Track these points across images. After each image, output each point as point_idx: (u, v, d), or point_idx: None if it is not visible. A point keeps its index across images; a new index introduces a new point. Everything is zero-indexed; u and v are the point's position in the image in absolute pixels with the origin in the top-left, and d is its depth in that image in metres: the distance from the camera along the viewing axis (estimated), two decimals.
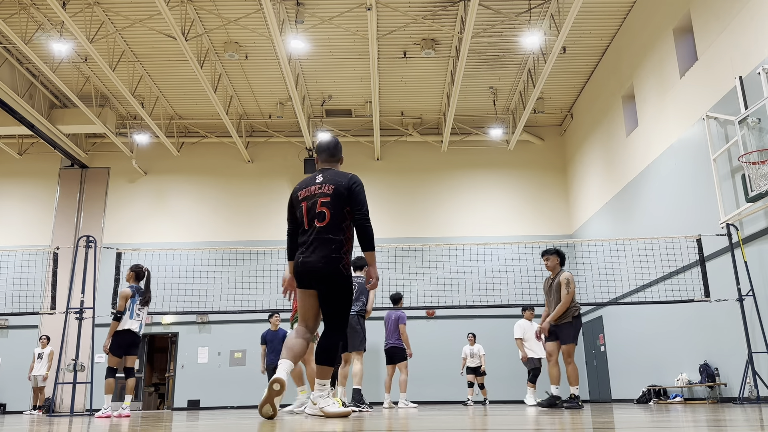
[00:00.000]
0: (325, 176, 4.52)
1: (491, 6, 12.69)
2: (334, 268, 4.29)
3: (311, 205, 4.42)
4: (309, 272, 4.31)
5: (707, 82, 10.41)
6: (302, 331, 4.40)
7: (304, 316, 4.45)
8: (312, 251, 4.32)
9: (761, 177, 8.45)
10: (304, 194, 4.50)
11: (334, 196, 4.39)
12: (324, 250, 4.30)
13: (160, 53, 14.60)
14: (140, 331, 8.05)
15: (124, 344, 7.90)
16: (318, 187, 4.47)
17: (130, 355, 8.02)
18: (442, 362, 16.44)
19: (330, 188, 4.43)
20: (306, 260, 4.32)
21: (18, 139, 18.09)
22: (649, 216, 12.71)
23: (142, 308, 8.09)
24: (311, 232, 4.37)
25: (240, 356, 16.71)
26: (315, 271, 4.28)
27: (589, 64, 15.43)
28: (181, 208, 17.95)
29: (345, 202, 4.40)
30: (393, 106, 17.31)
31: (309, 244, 4.35)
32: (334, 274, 4.29)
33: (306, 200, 4.47)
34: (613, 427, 3.05)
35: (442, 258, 17.22)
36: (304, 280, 4.37)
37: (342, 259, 4.34)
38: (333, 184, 4.44)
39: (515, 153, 18.24)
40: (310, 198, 4.45)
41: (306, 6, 12.76)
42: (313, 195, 4.45)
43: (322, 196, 4.41)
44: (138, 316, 8.02)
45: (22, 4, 12.60)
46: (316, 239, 4.33)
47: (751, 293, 9.22)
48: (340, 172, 4.56)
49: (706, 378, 10.29)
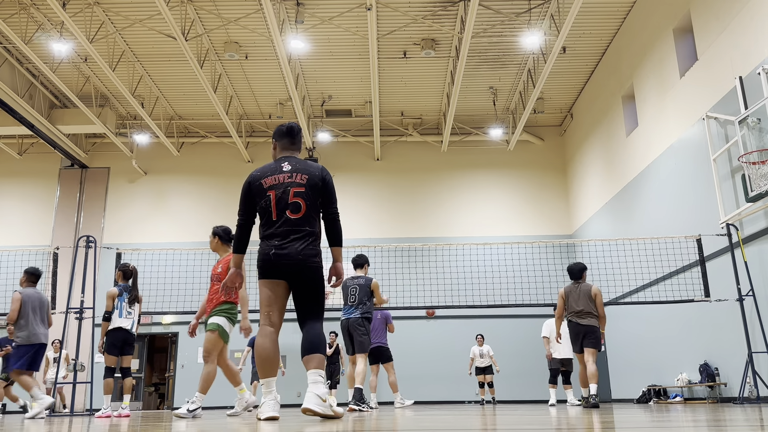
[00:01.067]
0: (293, 164, 4.22)
1: (491, 6, 12.69)
2: (313, 262, 4.07)
3: (281, 195, 4.11)
4: (285, 266, 4.03)
5: (707, 82, 10.41)
6: (270, 333, 4.06)
7: (269, 310, 4.08)
8: (287, 244, 4.04)
9: (761, 177, 8.45)
10: (270, 182, 4.16)
11: (309, 187, 4.13)
12: (302, 242, 4.05)
13: (160, 53, 14.60)
14: (133, 328, 7.99)
15: (118, 343, 7.87)
16: (288, 176, 4.15)
17: (125, 355, 7.98)
18: (442, 362, 16.44)
19: (303, 178, 4.15)
20: (281, 253, 4.03)
21: (18, 139, 18.09)
22: (649, 216, 12.71)
23: (132, 306, 8.05)
24: (282, 224, 4.08)
25: (240, 356, 16.72)
26: (294, 265, 4.02)
27: (589, 64, 15.43)
28: (181, 208, 17.95)
29: (318, 193, 4.16)
30: (393, 106, 17.31)
31: (282, 237, 4.06)
32: (313, 267, 4.07)
33: (274, 189, 4.13)
34: (613, 427, 3.05)
35: (442, 258, 17.22)
36: (275, 272, 4.06)
37: (319, 252, 4.14)
38: (306, 174, 4.16)
39: (515, 153, 18.24)
40: (278, 187, 4.13)
41: (306, 6, 12.76)
42: (283, 184, 4.13)
43: (294, 186, 4.12)
44: (129, 314, 7.98)
45: (22, 4, 12.60)
46: (291, 231, 4.06)
47: (751, 293, 9.22)
48: (307, 162, 4.27)
49: (706, 378, 10.29)
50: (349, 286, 8.07)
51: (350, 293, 8.01)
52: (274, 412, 3.91)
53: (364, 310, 7.92)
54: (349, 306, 7.99)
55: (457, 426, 3.20)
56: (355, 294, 7.97)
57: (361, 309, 7.92)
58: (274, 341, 4.03)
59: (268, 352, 3.98)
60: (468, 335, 16.20)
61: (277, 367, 4.00)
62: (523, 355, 16.38)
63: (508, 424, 3.42)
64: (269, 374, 3.98)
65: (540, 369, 15.93)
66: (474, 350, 13.61)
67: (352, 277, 8.17)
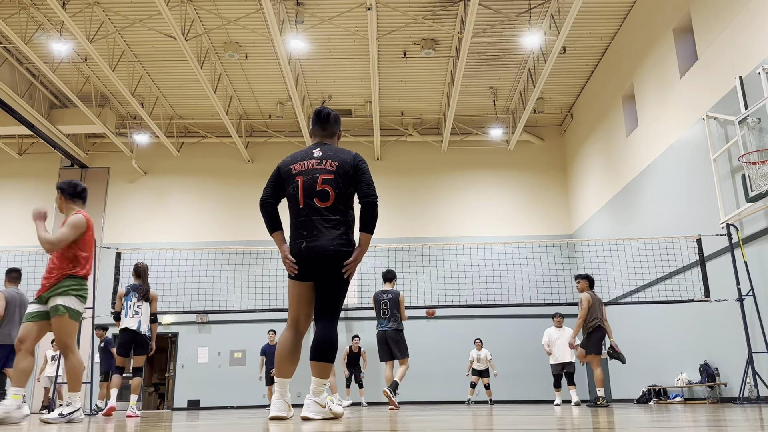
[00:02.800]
0: (324, 151, 4.03)
1: (491, 6, 12.69)
2: (345, 253, 3.86)
3: (310, 182, 3.92)
4: (316, 259, 3.83)
5: (707, 82, 10.41)
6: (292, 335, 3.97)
7: (297, 314, 3.97)
8: (317, 234, 3.84)
9: (761, 177, 8.45)
10: (299, 168, 3.98)
11: (339, 174, 3.92)
12: (332, 233, 3.84)
13: (160, 53, 14.60)
14: (141, 328, 7.87)
15: (125, 343, 7.84)
16: (317, 162, 3.97)
17: (137, 355, 7.92)
18: (442, 362, 16.44)
19: (333, 164, 3.94)
20: (312, 245, 3.83)
21: (18, 139, 18.09)
22: (649, 216, 12.71)
23: (141, 304, 7.95)
24: (309, 212, 3.89)
25: (240, 356, 16.71)
26: (325, 258, 3.82)
27: (589, 64, 15.43)
28: (181, 208, 17.96)
29: (350, 181, 3.94)
30: (393, 106, 17.31)
31: (310, 227, 3.86)
32: (344, 259, 3.86)
33: (302, 175, 3.95)
34: (613, 427, 3.05)
35: (442, 258, 17.21)
36: (306, 270, 3.89)
37: (351, 243, 3.93)
38: (336, 161, 3.96)
39: (515, 153, 18.24)
40: (307, 173, 3.94)
41: (306, 6, 12.76)
42: (312, 170, 3.94)
43: (323, 173, 3.92)
44: (137, 314, 7.88)
45: (22, 4, 12.60)
46: (321, 221, 3.86)
47: (751, 293, 9.21)
48: (341, 149, 4.06)
49: (706, 378, 10.29)
50: (380, 301, 8.82)
51: (382, 307, 8.79)
52: (279, 412, 3.86)
53: (395, 322, 8.70)
54: (383, 319, 8.78)
55: (460, 426, 3.20)
56: (386, 308, 8.76)
57: (393, 322, 8.69)
58: (293, 344, 3.95)
59: (284, 354, 3.93)
60: (468, 335, 16.20)
61: (291, 370, 3.93)
62: (522, 356, 16.38)
63: (508, 424, 3.42)
64: (282, 375, 3.92)
65: (539, 369, 15.93)
66: (473, 354, 13.91)
67: (382, 291, 8.93)
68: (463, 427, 3.11)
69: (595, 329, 9.04)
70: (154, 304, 8.09)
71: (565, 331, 11.46)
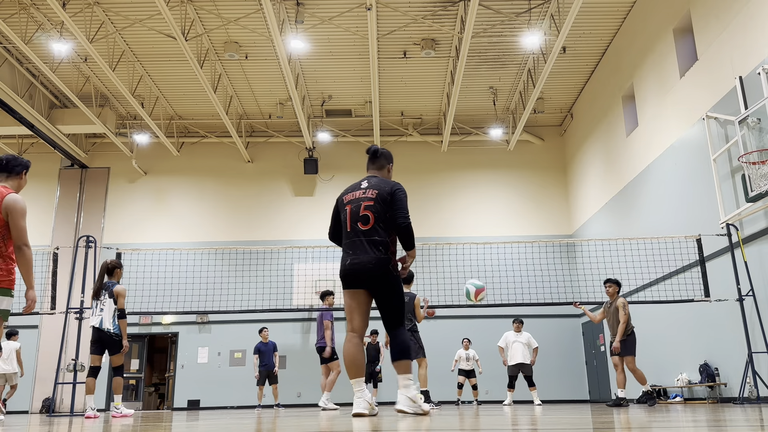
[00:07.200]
0: (370, 182, 4.77)
1: (491, 6, 12.68)
2: (384, 268, 4.49)
3: (355, 209, 4.67)
4: (360, 273, 4.50)
5: (707, 82, 10.41)
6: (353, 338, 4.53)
7: (352, 316, 4.58)
8: (360, 253, 4.53)
9: (761, 177, 8.44)
10: (349, 198, 4.75)
11: (378, 201, 4.62)
12: (372, 251, 4.51)
13: (160, 53, 14.59)
14: (104, 325, 7.66)
15: (93, 341, 7.70)
16: (363, 192, 4.71)
17: (111, 355, 7.72)
18: (441, 362, 16.43)
19: (374, 193, 4.66)
20: (355, 262, 4.54)
21: (18, 139, 18.07)
22: (649, 216, 12.71)
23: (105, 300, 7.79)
24: (354, 234, 4.61)
25: (240, 356, 16.71)
26: (367, 272, 4.49)
27: (589, 64, 15.43)
28: (181, 208, 17.95)
29: (387, 206, 4.61)
30: (393, 106, 17.30)
31: (356, 247, 4.57)
32: (386, 274, 4.50)
33: (350, 204, 4.72)
34: (613, 427, 3.05)
35: (442, 258, 17.21)
36: (353, 281, 4.56)
37: (390, 260, 4.55)
38: (377, 189, 4.68)
39: (515, 153, 18.24)
40: (354, 202, 4.71)
41: (306, 6, 12.76)
42: (358, 199, 4.70)
43: (366, 200, 4.66)
44: (101, 311, 7.74)
45: (22, 4, 12.60)
46: (363, 242, 4.55)
47: (751, 293, 9.22)
48: (385, 180, 4.79)
49: (706, 378, 10.29)
50: None
51: None
52: (361, 409, 4.33)
53: (410, 324, 8.86)
54: None
55: (461, 426, 3.19)
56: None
57: (408, 324, 8.76)
58: (357, 345, 4.53)
59: (353, 356, 4.50)
60: (468, 335, 16.18)
61: (363, 368, 4.49)
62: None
63: (512, 424, 3.42)
64: (357, 375, 4.47)
65: (539, 370, 15.91)
66: (460, 353, 13.75)
67: None
68: (463, 427, 3.10)
69: (629, 335, 9.46)
70: (120, 300, 7.79)
71: (523, 336, 11.61)
